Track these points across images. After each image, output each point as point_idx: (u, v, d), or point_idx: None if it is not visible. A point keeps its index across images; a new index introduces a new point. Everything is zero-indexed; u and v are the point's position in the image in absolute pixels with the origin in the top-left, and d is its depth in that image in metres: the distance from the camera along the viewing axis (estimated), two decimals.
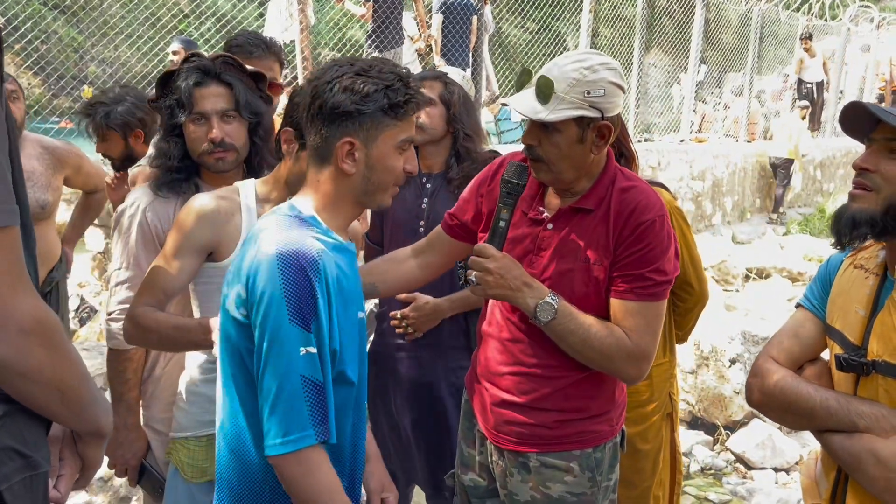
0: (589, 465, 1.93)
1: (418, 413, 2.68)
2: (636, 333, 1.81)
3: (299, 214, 1.58)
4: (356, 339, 1.62)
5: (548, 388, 1.91)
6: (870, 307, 1.65)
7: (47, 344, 1.03)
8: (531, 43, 10.98)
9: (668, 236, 1.82)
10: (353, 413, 1.66)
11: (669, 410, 2.61)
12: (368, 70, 1.53)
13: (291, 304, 1.44)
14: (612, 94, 1.79)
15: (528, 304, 1.81)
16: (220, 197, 1.96)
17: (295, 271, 1.45)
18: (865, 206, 1.60)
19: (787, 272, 8.19)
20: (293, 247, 1.47)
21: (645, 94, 10.35)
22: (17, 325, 0.99)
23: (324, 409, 1.48)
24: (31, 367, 1.02)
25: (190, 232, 1.89)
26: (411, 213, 2.64)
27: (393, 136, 1.57)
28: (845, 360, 1.64)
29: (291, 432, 1.45)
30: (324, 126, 1.54)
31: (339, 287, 1.54)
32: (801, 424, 1.74)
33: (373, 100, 1.52)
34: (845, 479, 1.68)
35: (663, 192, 2.56)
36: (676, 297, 2.61)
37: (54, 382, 1.06)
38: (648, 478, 2.54)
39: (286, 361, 1.44)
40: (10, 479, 1.06)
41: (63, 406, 1.11)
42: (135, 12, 7.06)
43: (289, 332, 1.44)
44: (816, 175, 12.83)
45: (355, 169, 1.56)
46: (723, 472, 4.57)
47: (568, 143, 1.81)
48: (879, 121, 1.59)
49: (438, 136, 2.64)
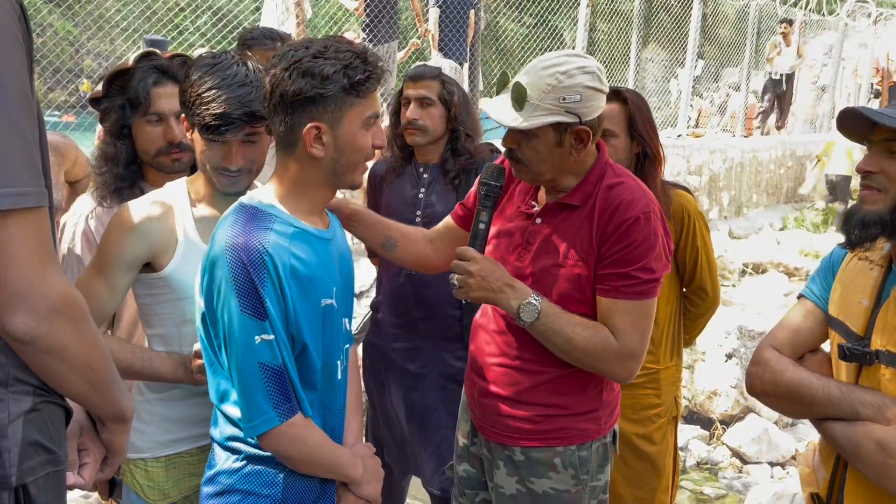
0: (572, 462, 1.91)
1: (414, 404, 2.68)
2: (622, 332, 1.79)
3: (257, 205, 1.60)
4: (319, 325, 1.63)
5: (530, 381, 1.91)
6: (874, 298, 1.66)
7: (75, 322, 1.06)
8: (528, 38, 10.97)
9: (653, 234, 1.79)
10: (321, 398, 1.67)
11: (675, 413, 2.60)
12: (325, 51, 1.52)
13: (242, 296, 1.50)
14: (589, 99, 1.76)
15: (511, 306, 1.81)
16: (151, 202, 1.82)
17: (241, 265, 1.50)
18: (876, 208, 1.61)
19: (783, 267, 8.21)
20: (240, 240, 1.51)
21: (642, 89, 10.34)
22: (47, 303, 1.02)
23: (285, 390, 1.55)
24: (60, 344, 1.05)
25: (122, 246, 1.77)
26: (407, 203, 2.66)
27: (358, 115, 1.57)
28: (848, 350, 1.64)
29: (254, 418, 1.54)
30: (287, 114, 1.53)
31: (295, 275, 1.55)
32: (803, 413, 1.75)
33: (333, 81, 1.51)
34: (844, 468, 1.69)
35: (685, 195, 2.54)
36: (689, 303, 2.60)
37: (81, 361, 1.09)
38: (654, 480, 2.53)
39: (243, 351, 1.52)
40: (36, 473, 1.09)
41: (90, 386, 1.14)
42: (130, 5, 7.02)
43: (242, 323, 1.51)
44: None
45: (324, 153, 1.56)
46: (719, 466, 4.58)
47: (546, 147, 1.80)
48: (876, 123, 1.60)
49: (439, 137, 2.64)
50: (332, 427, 1.71)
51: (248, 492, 1.62)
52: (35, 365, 1.06)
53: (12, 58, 0.99)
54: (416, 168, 2.70)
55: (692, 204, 2.51)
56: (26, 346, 1.03)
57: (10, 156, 0.97)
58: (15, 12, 1.02)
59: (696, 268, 2.52)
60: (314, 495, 1.68)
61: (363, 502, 1.75)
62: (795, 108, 13.83)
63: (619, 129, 2.42)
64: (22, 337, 1.01)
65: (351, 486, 1.72)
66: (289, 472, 1.63)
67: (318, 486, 1.68)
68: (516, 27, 11.85)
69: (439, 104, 2.61)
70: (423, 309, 2.64)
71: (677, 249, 2.49)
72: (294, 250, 1.56)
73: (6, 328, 1.01)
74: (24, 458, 1.07)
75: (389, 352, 2.72)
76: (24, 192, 0.99)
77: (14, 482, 1.05)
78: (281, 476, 1.62)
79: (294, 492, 1.64)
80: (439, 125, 2.61)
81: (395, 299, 2.70)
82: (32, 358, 1.05)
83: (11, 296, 0.99)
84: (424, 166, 2.69)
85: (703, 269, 2.53)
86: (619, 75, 10.53)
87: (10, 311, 1.00)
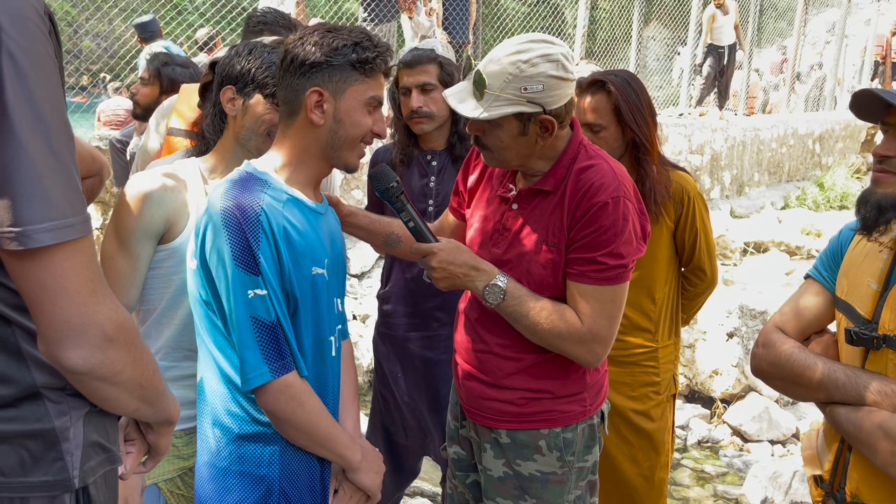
0: (557, 444, 1.90)
1: (433, 390, 2.67)
2: (589, 317, 1.77)
3: (252, 172, 1.63)
4: (309, 292, 1.64)
5: (510, 367, 1.90)
6: (883, 281, 1.63)
7: (128, 347, 1.05)
8: (529, 16, 10.89)
9: (622, 218, 1.74)
10: (315, 370, 1.67)
11: (673, 391, 2.62)
12: (339, 29, 1.61)
13: (236, 251, 1.53)
14: (552, 88, 1.72)
15: (478, 287, 1.80)
16: (164, 174, 1.84)
17: (236, 222, 1.53)
18: (891, 191, 1.59)
19: (785, 246, 8.20)
20: (236, 200, 1.55)
21: (644, 68, 10.28)
22: (100, 333, 1.00)
23: (278, 346, 1.56)
24: (114, 371, 1.03)
25: (140, 216, 1.77)
26: (418, 192, 2.62)
27: (361, 92, 1.62)
28: (855, 334, 1.63)
29: (247, 372, 1.55)
30: (294, 78, 1.60)
31: (288, 240, 1.58)
32: (807, 396, 1.74)
33: (341, 53, 1.58)
34: (848, 452, 1.69)
35: (685, 176, 2.54)
36: (687, 282, 2.62)
37: (134, 382, 1.08)
38: (653, 456, 2.55)
39: (236, 305, 1.54)
40: (96, 473, 1.10)
41: (141, 402, 1.13)
42: None
43: (235, 277, 1.53)
44: (815, 149, 12.80)
45: (323, 120, 1.61)
46: (719, 444, 4.60)
47: (510, 136, 1.78)
48: (890, 105, 1.57)
49: (445, 120, 2.60)
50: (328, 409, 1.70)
51: (244, 473, 1.61)
52: (88, 391, 1.05)
53: (46, 81, 0.96)
54: (424, 156, 2.66)
55: (692, 185, 2.52)
56: (82, 377, 1.02)
57: (50, 186, 0.95)
58: (45, 26, 0.98)
59: (694, 248, 2.54)
60: (311, 477, 1.66)
61: (361, 494, 1.73)
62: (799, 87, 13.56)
63: (606, 120, 2.42)
64: (79, 370, 1.00)
65: (348, 472, 1.70)
66: (284, 449, 1.62)
67: (316, 467, 1.67)
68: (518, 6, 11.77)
69: (441, 87, 2.54)
70: (437, 300, 2.61)
71: (676, 229, 2.51)
72: (287, 214, 1.59)
73: (62, 363, 0.99)
74: (86, 460, 1.08)
75: (405, 342, 2.70)
76: (66, 223, 0.96)
77: (77, 484, 1.06)
78: (277, 454, 1.62)
79: (290, 470, 1.63)
80: (444, 109, 2.55)
81: (407, 291, 2.67)
82: (86, 386, 1.04)
83: (66, 331, 0.98)
84: (431, 153, 2.65)
85: (702, 249, 2.54)
86: (621, 54, 10.47)
87: (66, 345, 0.98)
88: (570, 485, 1.93)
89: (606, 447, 2.41)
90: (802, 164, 12.39)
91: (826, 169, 12.68)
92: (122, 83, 8.86)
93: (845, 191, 11.34)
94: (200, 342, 1.66)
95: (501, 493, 1.96)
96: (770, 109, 12.78)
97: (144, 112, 3.57)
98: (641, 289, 2.47)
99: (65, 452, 1.05)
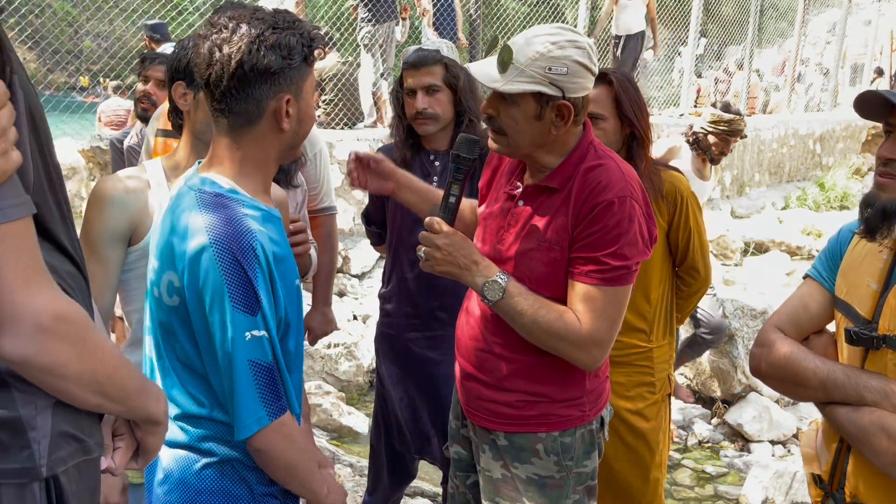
0: (555, 448, 1.88)
1: (433, 390, 2.67)
2: (588, 319, 1.73)
3: (219, 190, 1.50)
4: (295, 306, 1.60)
5: (508, 368, 1.88)
6: (883, 281, 1.62)
7: (71, 338, 1.01)
8: (529, 16, 10.88)
9: (627, 219, 1.72)
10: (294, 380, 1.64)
11: (669, 391, 2.62)
12: (279, 22, 1.47)
13: (233, 291, 1.43)
14: (575, 74, 1.71)
15: (476, 283, 1.78)
16: (126, 177, 1.84)
17: (232, 259, 1.42)
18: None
19: (785, 246, 8.20)
20: (226, 232, 1.44)
21: (644, 68, 10.27)
22: (33, 322, 0.96)
23: (275, 388, 1.48)
24: (54, 363, 1.00)
25: (103, 220, 1.77)
26: None
27: (311, 84, 1.56)
28: (855, 334, 1.62)
29: (245, 419, 1.46)
30: (254, 87, 1.45)
31: (276, 259, 1.50)
32: (807, 396, 1.73)
33: (297, 52, 1.47)
34: (847, 451, 1.68)
35: (677, 175, 2.54)
36: (681, 282, 2.63)
37: (87, 376, 1.05)
38: (647, 456, 2.55)
39: (233, 350, 1.44)
40: (67, 463, 1.08)
41: (103, 398, 1.09)
42: None
43: (234, 321, 1.43)
44: (816, 149, 12.80)
45: (288, 125, 1.51)
46: (720, 444, 4.60)
47: (524, 117, 1.75)
48: (894, 105, 1.56)
49: (449, 121, 2.59)
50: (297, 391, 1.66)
51: (220, 492, 1.55)
52: (36, 382, 1.03)
53: None
54: (427, 157, 2.65)
55: (684, 185, 2.52)
56: (21, 367, 0.99)
57: None
58: None
59: (688, 248, 2.54)
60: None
61: None
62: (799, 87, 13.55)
63: (607, 112, 2.41)
64: (12, 359, 0.97)
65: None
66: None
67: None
68: (518, 6, 11.77)
69: (446, 89, 2.54)
70: (439, 300, 2.61)
71: (670, 229, 2.51)
72: (269, 233, 1.51)
73: None
74: (55, 449, 1.05)
75: (407, 342, 2.70)
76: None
77: (44, 473, 1.04)
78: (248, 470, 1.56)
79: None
80: (449, 110, 2.55)
81: (408, 292, 2.67)
82: (30, 376, 1.01)
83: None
84: (434, 154, 2.64)
85: (696, 248, 2.54)
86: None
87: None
88: (569, 489, 1.92)
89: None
90: (803, 164, 12.39)
91: (826, 169, 12.68)
92: (122, 83, 8.87)
93: (846, 191, 11.35)
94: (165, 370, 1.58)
95: (500, 494, 1.95)
96: (771, 110, 12.77)
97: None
98: (636, 289, 2.45)
99: (32, 441, 1.03)
